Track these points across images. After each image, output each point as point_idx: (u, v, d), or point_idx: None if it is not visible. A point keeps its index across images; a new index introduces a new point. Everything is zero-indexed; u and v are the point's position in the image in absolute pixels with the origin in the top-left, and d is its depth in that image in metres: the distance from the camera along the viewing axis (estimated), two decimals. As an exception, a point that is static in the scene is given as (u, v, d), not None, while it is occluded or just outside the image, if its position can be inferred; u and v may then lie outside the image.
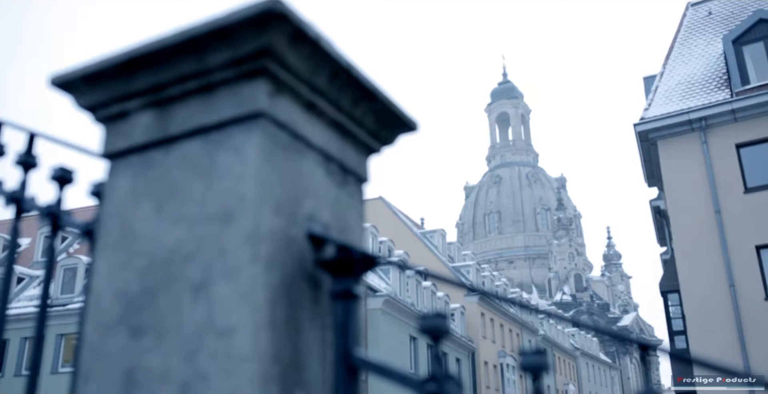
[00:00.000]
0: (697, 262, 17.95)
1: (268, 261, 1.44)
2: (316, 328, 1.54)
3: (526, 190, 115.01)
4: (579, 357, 69.13)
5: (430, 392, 1.33)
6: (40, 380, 1.84)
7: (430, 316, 1.39)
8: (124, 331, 1.50)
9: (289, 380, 1.42)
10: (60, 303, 29.98)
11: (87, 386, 1.50)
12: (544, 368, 1.30)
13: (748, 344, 16.33)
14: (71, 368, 1.56)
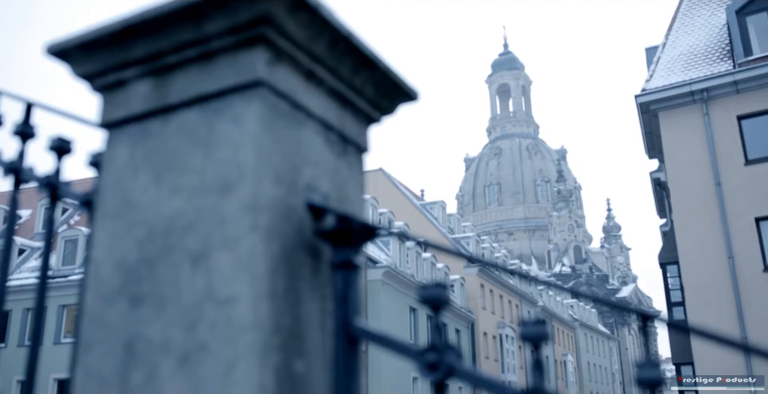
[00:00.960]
0: (697, 234, 17.99)
1: (267, 231, 1.43)
2: (316, 298, 1.54)
3: (527, 162, 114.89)
4: (578, 328, 69.61)
5: (429, 362, 1.33)
6: (42, 350, 1.85)
7: (431, 286, 1.39)
8: (123, 301, 1.50)
9: (289, 350, 1.42)
10: (61, 274, 30.11)
11: (87, 357, 1.50)
12: (544, 338, 1.30)
13: (745, 316, 16.43)
14: (73, 339, 1.56)
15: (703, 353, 16.51)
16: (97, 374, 1.47)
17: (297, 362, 1.44)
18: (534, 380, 1.27)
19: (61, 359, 14.67)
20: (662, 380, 1.20)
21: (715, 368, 16.17)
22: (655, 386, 1.21)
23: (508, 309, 50.30)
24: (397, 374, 28.73)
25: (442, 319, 1.39)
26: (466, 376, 1.31)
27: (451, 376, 1.32)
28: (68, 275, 29.88)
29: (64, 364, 1.62)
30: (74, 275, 29.53)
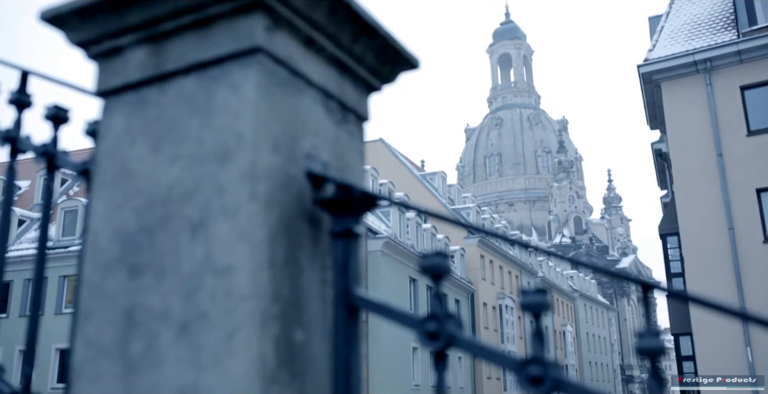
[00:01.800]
0: (697, 205, 17.99)
1: (266, 200, 1.42)
2: (315, 267, 1.53)
3: (527, 133, 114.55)
4: (577, 299, 70.02)
5: (429, 331, 1.32)
6: (43, 321, 1.85)
7: (431, 255, 1.38)
8: (122, 270, 1.49)
9: (289, 319, 1.42)
10: (61, 245, 30.20)
11: (87, 326, 1.50)
12: (545, 307, 1.29)
13: (745, 287, 16.50)
14: (73, 309, 1.56)
15: (702, 323, 16.61)
16: (96, 343, 1.47)
17: (297, 331, 1.43)
18: (534, 349, 1.27)
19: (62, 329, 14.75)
20: (663, 348, 1.20)
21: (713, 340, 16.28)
22: (656, 355, 1.20)
23: (508, 280, 50.54)
24: (397, 345, 28.95)
25: (442, 289, 1.39)
26: (467, 345, 1.31)
27: (451, 345, 1.32)
28: (68, 246, 29.97)
29: (66, 334, 1.62)
30: (74, 246, 29.59)
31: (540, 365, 1.25)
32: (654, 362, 1.21)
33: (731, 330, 16.02)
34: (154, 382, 1.37)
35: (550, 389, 1.23)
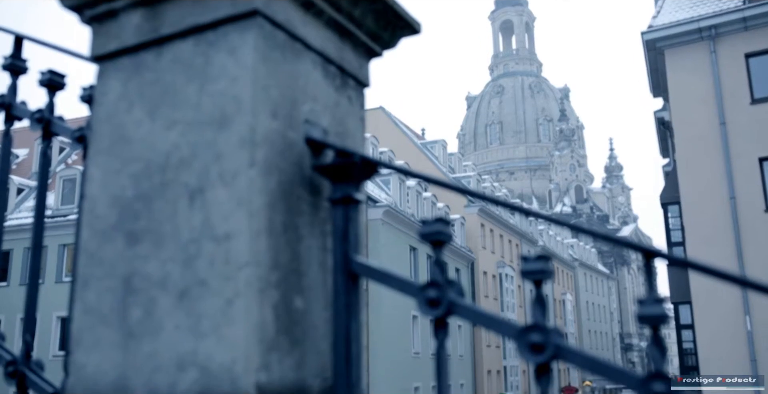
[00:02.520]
0: (699, 173, 17.94)
1: (265, 166, 1.40)
2: (315, 234, 1.52)
3: (529, 101, 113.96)
4: (577, 268, 70.30)
5: (430, 298, 1.31)
6: (44, 289, 1.84)
7: (432, 221, 1.36)
8: (120, 237, 1.48)
9: (289, 286, 1.41)
10: (60, 214, 30.24)
11: (85, 293, 1.49)
12: (547, 273, 1.28)
13: (745, 256, 16.53)
14: (72, 277, 1.55)
15: (702, 292, 16.68)
16: (95, 310, 1.46)
17: (296, 298, 1.43)
18: (535, 316, 1.26)
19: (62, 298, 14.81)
20: (665, 315, 1.18)
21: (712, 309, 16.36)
22: (658, 323, 1.18)
23: (508, 249, 50.69)
24: (397, 313, 29.13)
25: (442, 256, 1.37)
26: (467, 312, 1.30)
27: (452, 313, 1.31)
28: (67, 215, 29.99)
29: (66, 302, 1.61)
30: (73, 215, 29.53)
31: (541, 332, 1.24)
32: (656, 329, 1.20)
33: (731, 299, 16.09)
34: (154, 349, 1.37)
35: (550, 356, 1.22)
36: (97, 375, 1.42)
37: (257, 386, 1.28)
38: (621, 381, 1.19)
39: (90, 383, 1.42)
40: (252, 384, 1.27)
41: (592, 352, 1.23)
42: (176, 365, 1.34)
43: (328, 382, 1.47)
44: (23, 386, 1.67)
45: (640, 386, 1.16)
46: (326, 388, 1.47)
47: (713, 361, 15.95)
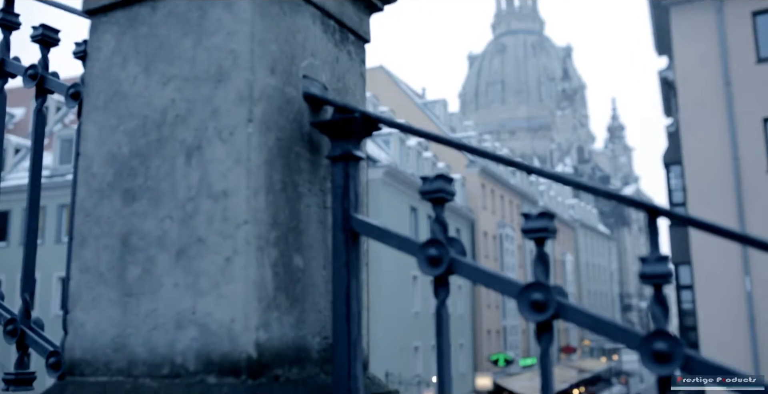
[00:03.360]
0: (703, 134, 17.83)
1: (263, 122, 1.37)
2: (315, 192, 1.50)
3: (531, 60, 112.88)
4: (577, 228, 70.47)
5: (431, 256, 1.30)
6: (44, 249, 1.83)
7: (433, 178, 1.34)
8: (117, 195, 1.46)
9: (288, 245, 1.39)
10: (59, 174, 30.17)
11: (83, 252, 1.48)
12: (550, 231, 1.26)
13: (747, 216, 16.51)
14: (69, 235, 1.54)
15: (702, 253, 16.72)
16: (93, 268, 1.45)
17: (296, 256, 1.41)
18: (536, 275, 1.24)
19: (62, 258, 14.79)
20: (669, 273, 1.17)
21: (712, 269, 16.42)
22: (661, 281, 1.17)
23: (509, 209, 50.76)
24: (397, 274, 29.27)
25: (443, 215, 1.35)
26: (468, 270, 1.29)
27: (453, 271, 1.29)
28: (66, 174, 29.89)
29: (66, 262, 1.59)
30: (71, 175, 29.27)
31: (542, 290, 1.22)
32: (658, 288, 1.18)
33: (731, 260, 16.14)
34: (152, 308, 1.36)
35: (552, 314, 1.21)
36: (95, 333, 1.41)
37: (256, 344, 1.27)
38: (622, 340, 1.18)
39: (88, 342, 1.42)
40: (251, 342, 1.26)
41: (593, 310, 1.22)
42: (175, 323, 1.33)
43: (328, 341, 1.47)
44: (23, 344, 1.67)
45: (642, 344, 1.15)
46: (326, 346, 1.46)
47: (712, 321, 16.09)
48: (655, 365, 1.13)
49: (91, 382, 1.38)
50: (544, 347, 1.23)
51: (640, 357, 1.15)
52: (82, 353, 1.42)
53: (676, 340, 1.13)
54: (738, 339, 15.36)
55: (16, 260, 17.26)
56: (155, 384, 1.31)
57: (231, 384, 1.24)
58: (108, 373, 1.38)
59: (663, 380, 1.13)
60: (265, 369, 1.29)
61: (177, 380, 1.30)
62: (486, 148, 14.06)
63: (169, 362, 1.32)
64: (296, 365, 1.37)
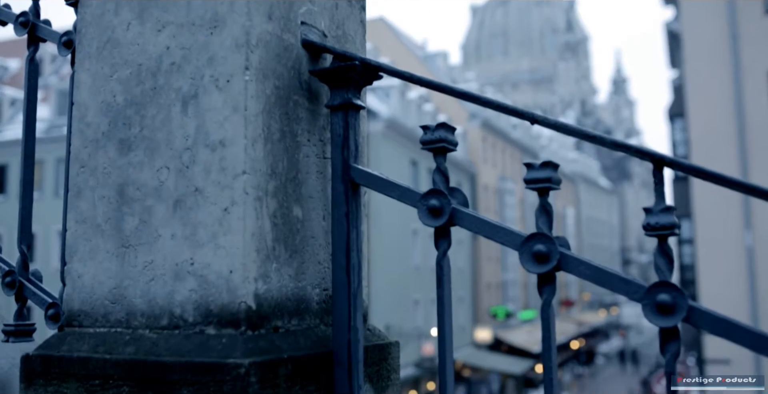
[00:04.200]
0: (708, 86, 17.65)
1: (260, 70, 1.34)
2: (314, 142, 1.47)
3: (534, 11, 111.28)
4: (579, 182, 70.46)
5: (432, 206, 1.28)
6: (43, 203, 1.81)
7: (434, 127, 1.31)
8: (112, 145, 1.43)
9: (287, 195, 1.37)
10: (56, 126, 29.98)
11: (79, 202, 1.46)
12: (554, 181, 1.23)
13: (750, 170, 16.45)
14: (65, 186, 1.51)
15: (704, 206, 16.72)
16: (89, 219, 1.43)
17: (295, 207, 1.39)
18: (539, 226, 1.22)
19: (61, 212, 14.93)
20: (674, 224, 1.14)
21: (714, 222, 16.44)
22: (666, 232, 1.14)
23: (510, 163, 50.69)
24: (397, 228, 29.35)
25: (444, 164, 1.33)
26: (470, 221, 1.26)
27: (454, 222, 1.27)
28: (63, 128, 29.65)
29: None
30: (70, 125, 29.02)
31: (545, 241, 1.20)
32: (663, 239, 1.16)
33: (732, 214, 16.15)
34: (150, 259, 1.34)
35: (554, 266, 1.20)
36: (93, 285, 1.40)
37: (255, 295, 1.26)
38: (625, 291, 1.16)
39: (86, 293, 1.41)
40: (250, 293, 1.25)
41: (596, 262, 1.20)
42: (173, 274, 1.31)
43: (328, 292, 1.46)
44: (22, 295, 1.66)
45: (645, 296, 1.13)
46: (326, 298, 1.45)
47: (712, 276, 16.19)
48: (657, 317, 1.11)
49: (90, 333, 1.38)
50: (546, 299, 1.21)
51: (642, 309, 1.13)
52: (80, 305, 1.41)
53: (680, 291, 1.11)
54: (737, 293, 15.47)
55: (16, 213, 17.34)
56: (154, 335, 1.30)
57: (230, 335, 1.23)
58: (107, 324, 1.37)
59: (666, 333, 1.12)
60: (265, 320, 1.28)
61: (176, 331, 1.29)
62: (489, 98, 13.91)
63: (168, 313, 1.31)
64: (296, 317, 1.36)
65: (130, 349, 1.29)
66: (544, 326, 1.21)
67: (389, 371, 1.50)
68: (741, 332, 1.07)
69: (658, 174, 1.20)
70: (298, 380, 1.26)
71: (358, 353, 1.31)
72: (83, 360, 1.31)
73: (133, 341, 1.31)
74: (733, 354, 14.29)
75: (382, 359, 1.48)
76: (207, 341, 1.24)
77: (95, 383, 1.29)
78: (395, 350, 1.55)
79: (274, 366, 1.21)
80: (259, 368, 1.18)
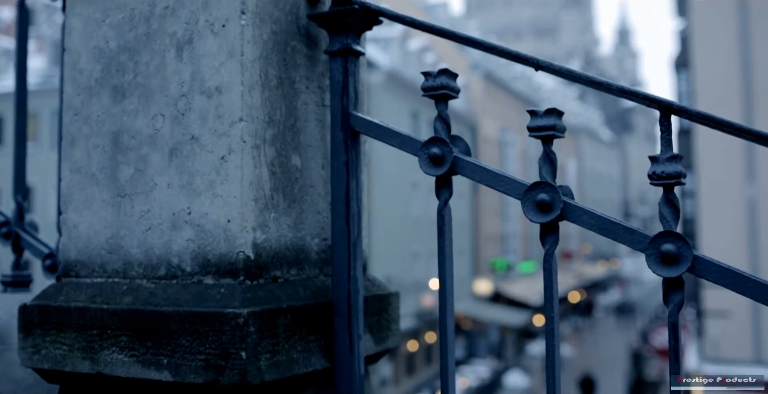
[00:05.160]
0: (714, 35, 17.39)
1: (256, 14, 1.29)
2: (312, 90, 1.43)
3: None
4: (581, 134, 70.14)
5: (433, 154, 1.25)
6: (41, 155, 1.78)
7: (436, 74, 1.28)
8: (106, 92, 1.40)
9: (285, 143, 1.34)
10: (52, 76, 29.65)
11: (73, 151, 1.43)
12: (558, 129, 1.20)
13: (756, 121, 16.34)
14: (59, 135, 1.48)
15: (707, 159, 16.66)
16: (84, 169, 1.40)
17: (293, 156, 1.36)
18: (543, 175, 1.20)
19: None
20: (681, 173, 1.12)
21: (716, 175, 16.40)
22: (672, 181, 1.12)
23: (512, 115, 50.38)
24: (397, 180, 29.33)
25: (446, 112, 1.29)
26: (472, 170, 1.24)
27: (455, 171, 1.25)
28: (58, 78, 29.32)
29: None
30: (65, 78, 28.73)
31: (548, 190, 1.18)
32: (669, 188, 1.13)
33: (735, 167, 16.11)
34: (146, 208, 1.32)
35: (557, 215, 1.17)
36: (89, 235, 1.38)
37: (254, 244, 1.24)
38: (629, 241, 1.14)
39: (83, 243, 1.39)
40: (248, 243, 1.24)
41: (600, 211, 1.18)
42: (170, 224, 1.30)
43: (327, 242, 1.44)
44: (18, 246, 1.64)
45: (649, 245, 1.11)
46: (326, 248, 1.44)
47: (714, 229, 16.21)
48: (661, 267, 1.10)
49: (87, 283, 1.36)
50: (549, 249, 1.19)
51: (646, 259, 1.11)
52: (77, 255, 1.40)
53: (685, 241, 1.09)
54: (739, 247, 15.52)
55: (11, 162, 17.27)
56: (152, 285, 1.29)
57: (228, 285, 1.22)
58: (104, 274, 1.36)
59: (670, 283, 1.10)
60: (263, 270, 1.26)
61: (174, 281, 1.28)
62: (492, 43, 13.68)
63: (165, 263, 1.29)
64: (295, 267, 1.35)
65: (127, 299, 1.28)
66: (546, 276, 1.19)
67: (389, 322, 1.50)
68: (746, 282, 1.05)
69: (665, 122, 1.17)
70: (297, 330, 1.25)
71: (357, 303, 1.30)
72: (81, 310, 1.30)
73: (130, 291, 1.29)
74: (733, 306, 14.44)
75: (382, 310, 1.47)
76: (205, 291, 1.22)
77: (93, 333, 1.28)
78: (395, 300, 1.54)
79: (273, 316, 1.20)
80: (257, 318, 1.16)
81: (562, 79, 2.07)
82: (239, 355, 1.14)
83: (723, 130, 1.17)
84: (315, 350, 1.29)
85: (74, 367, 1.30)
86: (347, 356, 1.29)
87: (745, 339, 15.63)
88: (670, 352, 1.10)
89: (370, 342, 1.41)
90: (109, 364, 1.26)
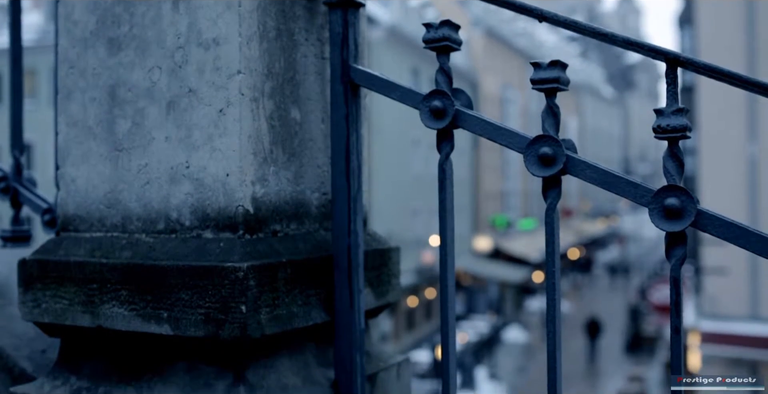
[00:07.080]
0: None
1: (253, -38, 1.26)
2: (312, 42, 1.40)
3: None
4: (583, 91, 69.64)
5: (434, 107, 1.23)
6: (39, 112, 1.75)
7: (438, 25, 1.25)
8: (101, 45, 1.37)
9: (284, 96, 1.32)
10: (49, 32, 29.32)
11: (69, 105, 1.41)
12: (562, 81, 1.18)
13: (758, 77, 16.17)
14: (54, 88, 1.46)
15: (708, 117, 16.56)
16: (81, 122, 1.39)
17: (292, 109, 1.34)
18: (546, 128, 1.18)
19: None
20: (687, 126, 1.10)
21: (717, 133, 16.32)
22: (678, 134, 1.10)
23: (513, 71, 49.93)
24: (397, 137, 29.22)
25: (448, 65, 1.27)
26: (474, 123, 1.22)
27: (457, 125, 1.23)
28: (58, 33, 29.01)
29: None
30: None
31: (551, 143, 1.16)
32: (674, 142, 1.11)
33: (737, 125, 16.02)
34: (144, 162, 1.31)
35: (560, 169, 1.16)
36: (87, 189, 1.37)
37: (253, 198, 1.23)
38: (632, 195, 1.13)
39: (81, 197, 1.38)
40: (248, 197, 1.22)
41: (603, 165, 1.16)
42: (168, 178, 1.28)
43: (327, 196, 1.43)
44: (17, 201, 1.63)
45: (653, 199, 1.10)
46: (326, 202, 1.43)
47: (714, 187, 16.20)
48: (665, 222, 1.09)
49: (86, 238, 1.36)
50: (551, 204, 1.18)
51: (649, 213, 1.10)
52: (75, 209, 1.39)
53: (689, 195, 1.08)
54: (739, 205, 15.53)
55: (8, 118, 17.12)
56: (150, 239, 1.28)
57: (228, 239, 1.21)
58: (103, 229, 1.35)
59: (672, 237, 1.09)
60: (263, 224, 1.26)
61: (173, 235, 1.27)
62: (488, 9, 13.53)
63: (164, 217, 1.28)
64: (295, 221, 1.34)
65: (126, 253, 1.28)
66: (548, 230, 1.18)
67: (389, 276, 1.49)
68: (750, 237, 1.05)
69: (671, 74, 1.14)
70: (297, 284, 1.25)
71: (357, 257, 1.30)
72: (80, 264, 1.30)
73: (129, 246, 1.29)
74: (731, 263, 14.51)
75: (382, 264, 1.47)
76: (204, 245, 1.22)
77: (93, 287, 1.28)
78: (396, 255, 1.53)
79: (272, 270, 1.19)
80: (257, 272, 1.16)
81: (564, 35, 1.98)
82: (239, 308, 1.14)
83: (729, 82, 1.15)
84: (315, 303, 1.29)
85: (74, 321, 1.30)
86: (347, 309, 1.29)
87: (742, 295, 15.76)
88: (672, 306, 1.10)
89: (371, 296, 1.41)
90: (110, 318, 1.26)
